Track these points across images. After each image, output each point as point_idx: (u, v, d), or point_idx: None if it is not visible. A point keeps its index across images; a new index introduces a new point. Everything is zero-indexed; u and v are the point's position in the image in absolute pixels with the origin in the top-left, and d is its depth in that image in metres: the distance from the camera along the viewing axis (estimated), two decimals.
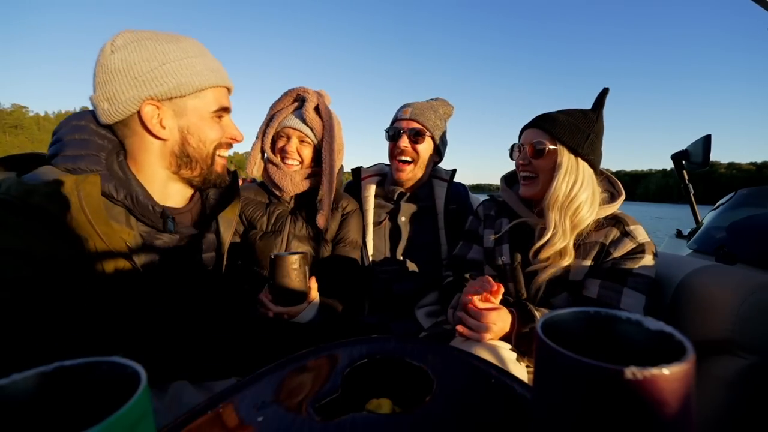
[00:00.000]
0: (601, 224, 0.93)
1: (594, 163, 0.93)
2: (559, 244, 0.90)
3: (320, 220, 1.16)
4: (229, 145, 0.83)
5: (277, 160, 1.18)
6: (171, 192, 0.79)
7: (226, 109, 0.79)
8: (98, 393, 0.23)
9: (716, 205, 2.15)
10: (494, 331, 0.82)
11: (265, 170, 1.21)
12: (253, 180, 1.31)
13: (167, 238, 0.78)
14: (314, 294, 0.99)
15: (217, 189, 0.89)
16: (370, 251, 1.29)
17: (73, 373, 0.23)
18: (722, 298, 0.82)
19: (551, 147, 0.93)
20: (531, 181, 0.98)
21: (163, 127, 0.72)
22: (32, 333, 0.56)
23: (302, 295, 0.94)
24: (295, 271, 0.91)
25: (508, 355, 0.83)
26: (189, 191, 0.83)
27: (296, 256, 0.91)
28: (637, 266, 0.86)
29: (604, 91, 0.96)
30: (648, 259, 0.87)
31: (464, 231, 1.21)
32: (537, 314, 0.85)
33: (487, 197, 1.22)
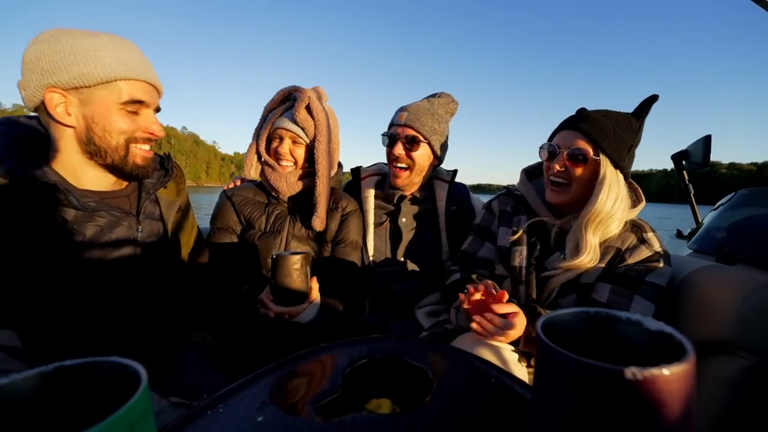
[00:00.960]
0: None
1: (628, 176, 0.89)
2: (587, 259, 0.85)
3: (315, 223, 1.14)
4: (148, 140, 0.85)
5: (272, 161, 1.17)
6: (90, 176, 0.82)
7: (141, 102, 0.81)
8: (98, 393, 0.23)
9: (716, 206, 2.15)
10: (511, 335, 0.80)
11: (262, 172, 1.21)
12: (252, 180, 1.30)
13: (101, 220, 0.81)
14: (315, 294, 0.99)
15: (152, 174, 0.91)
16: (371, 251, 1.29)
17: (73, 373, 0.23)
18: (722, 298, 0.82)
19: (594, 157, 0.85)
20: (563, 189, 0.91)
21: (69, 114, 0.75)
22: None
23: (303, 295, 0.94)
24: (296, 271, 0.91)
25: (508, 355, 0.83)
26: (112, 177, 0.85)
27: (298, 256, 0.90)
28: (650, 274, 0.84)
29: (653, 98, 0.88)
30: (661, 269, 0.84)
31: (476, 225, 1.15)
32: None
33: (505, 189, 1.16)
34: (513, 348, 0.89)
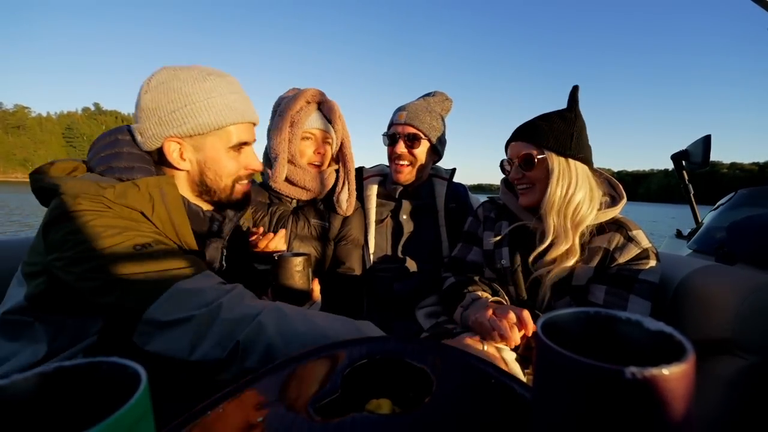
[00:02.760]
0: (603, 228, 0.93)
1: (586, 160, 0.94)
2: (564, 245, 0.90)
3: (344, 208, 1.24)
4: (250, 175, 0.90)
5: (302, 162, 1.20)
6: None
7: (245, 143, 0.85)
8: (98, 393, 0.23)
9: (716, 205, 2.16)
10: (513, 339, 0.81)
11: (272, 171, 1.21)
12: (253, 181, 1.31)
13: (216, 242, 0.88)
14: (316, 295, 0.99)
15: (233, 208, 0.96)
16: (372, 249, 1.30)
17: (74, 374, 0.23)
18: (722, 298, 0.82)
19: (540, 156, 0.94)
20: (528, 191, 0.99)
21: (184, 160, 0.80)
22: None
23: (305, 297, 0.95)
24: (298, 272, 0.91)
25: (508, 355, 0.83)
26: (209, 207, 0.90)
27: (300, 258, 0.91)
28: (642, 272, 0.86)
29: (575, 89, 0.98)
30: (652, 265, 0.87)
31: (463, 232, 1.20)
32: None
33: (487, 198, 1.23)
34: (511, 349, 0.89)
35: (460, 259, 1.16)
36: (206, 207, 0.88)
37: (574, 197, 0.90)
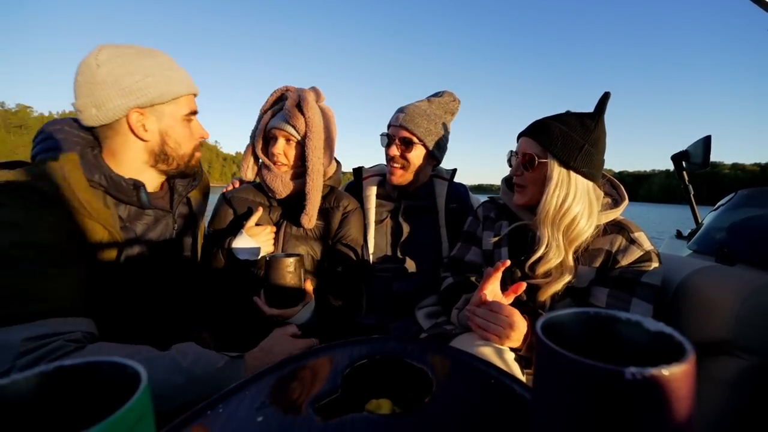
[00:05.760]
0: (604, 230, 0.91)
1: (590, 175, 0.90)
2: (555, 260, 0.88)
3: (304, 221, 1.13)
4: (201, 143, 0.95)
5: (268, 162, 1.17)
6: (144, 179, 0.87)
7: (194, 113, 0.91)
8: (98, 393, 0.23)
9: (716, 206, 2.15)
10: (512, 333, 0.78)
11: (259, 173, 1.21)
12: (251, 181, 1.31)
13: (147, 218, 0.89)
14: (309, 296, 0.99)
15: (184, 176, 0.98)
16: (371, 249, 1.29)
17: (74, 373, 0.23)
18: (722, 299, 0.82)
19: (541, 160, 0.91)
20: (522, 190, 0.98)
21: (146, 131, 0.83)
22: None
23: (296, 297, 0.94)
24: (290, 273, 0.91)
25: (508, 355, 0.83)
26: (161, 179, 0.93)
27: (291, 259, 0.91)
28: (645, 275, 0.85)
29: (606, 96, 0.92)
30: (654, 268, 0.85)
31: (463, 232, 1.20)
32: None
33: (488, 198, 1.21)
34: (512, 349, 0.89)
35: (458, 259, 1.16)
36: (157, 178, 0.90)
37: (571, 210, 0.87)
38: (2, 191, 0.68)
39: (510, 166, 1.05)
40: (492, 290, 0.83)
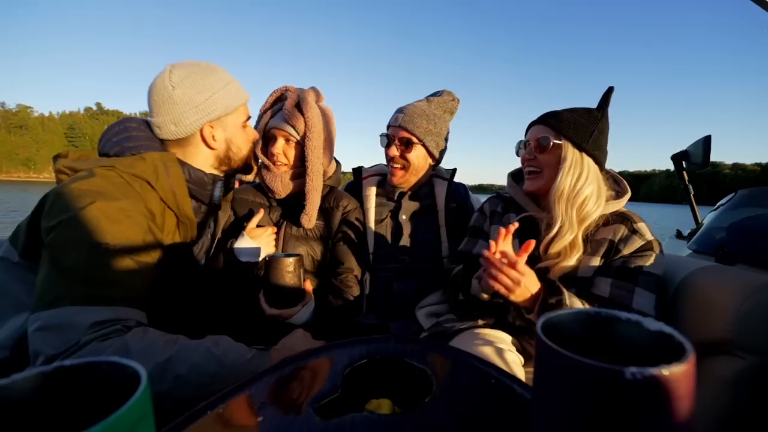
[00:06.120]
0: (608, 221, 0.94)
1: (599, 159, 0.95)
2: (568, 236, 0.90)
3: (304, 221, 1.14)
4: (255, 142, 1.07)
5: (268, 162, 1.17)
6: None
7: (249, 118, 1.03)
8: (98, 393, 0.23)
9: (716, 206, 2.15)
10: (519, 290, 0.81)
11: (259, 173, 1.21)
12: (251, 182, 1.31)
13: (200, 215, 0.98)
14: (309, 296, 0.99)
15: (240, 173, 1.08)
16: (371, 249, 1.29)
17: (73, 373, 0.23)
18: (722, 299, 0.82)
19: (556, 141, 0.95)
20: (536, 176, 1.00)
21: (215, 140, 0.94)
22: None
23: (296, 297, 0.94)
24: (289, 273, 0.91)
25: (508, 355, 0.83)
26: (220, 173, 1.01)
27: (291, 259, 0.91)
28: (647, 264, 0.87)
29: (609, 90, 0.98)
30: (657, 257, 0.88)
31: (469, 227, 1.20)
32: (564, 290, 0.83)
33: (494, 194, 1.22)
34: (513, 348, 0.89)
35: (466, 253, 1.15)
36: (217, 173, 1.00)
37: (583, 190, 0.91)
38: (109, 182, 0.76)
39: (519, 155, 1.09)
40: (505, 251, 0.85)
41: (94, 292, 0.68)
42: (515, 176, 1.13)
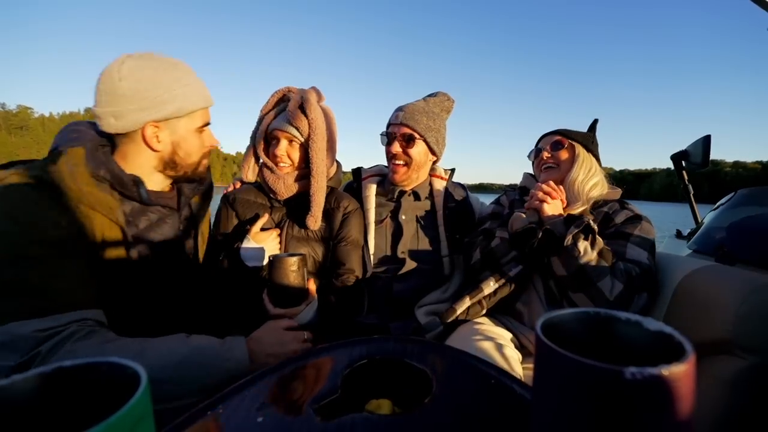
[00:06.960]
0: (606, 202, 1.16)
1: (599, 160, 1.22)
2: (579, 207, 1.12)
3: (310, 222, 1.14)
4: (210, 151, 0.99)
5: (270, 163, 1.17)
6: (151, 180, 0.91)
7: (207, 124, 0.95)
8: (98, 393, 0.23)
9: (716, 206, 2.15)
10: (557, 201, 1.07)
11: (260, 174, 1.21)
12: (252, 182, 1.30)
13: (151, 216, 0.92)
14: (313, 295, 0.99)
15: (191, 181, 1.02)
16: (372, 250, 1.29)
17: (73, 374, 0.23)
18: (722, 299, 0.82)
19: (569, 143, 1.21)
20: (552, 170, 1.22)
21: (159, 142, 0.87)
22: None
23: (300, 297, 0.94)
24: (293, 273, 0.91)
25: (509, 354, 0.83)
26: (168, 181, 0.96)
27: (295, 258, 0.91)
28: (637, 229, 1.04)
29: (595, 121, 1.31)
30: (646, 226, 1.05)
31: (485, 215, 1.30)
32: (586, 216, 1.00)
33: (507, 188, 1.41)
34: (512, 345, 0.90)
35: (489, 230, 1.21)
36: (164, 181, 0.94)
37: (592, 178, 1.15)
38: (9, 189, 0.71)
39: (530, 159, 1.33)
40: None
41: (21, 305, 0.67)
42: (531, 176, 1.33)
